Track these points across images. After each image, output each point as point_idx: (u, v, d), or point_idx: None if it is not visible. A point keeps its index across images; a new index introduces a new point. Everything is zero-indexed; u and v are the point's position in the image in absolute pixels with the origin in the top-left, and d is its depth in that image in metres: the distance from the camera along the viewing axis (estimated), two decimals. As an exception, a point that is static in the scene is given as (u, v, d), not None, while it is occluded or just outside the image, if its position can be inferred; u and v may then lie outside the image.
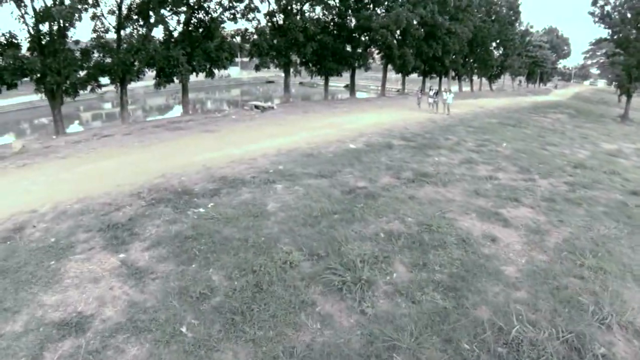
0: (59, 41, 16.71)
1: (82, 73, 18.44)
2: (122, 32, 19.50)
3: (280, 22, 25.86)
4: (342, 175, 9.38)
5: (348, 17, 29.10)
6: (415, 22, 28.93)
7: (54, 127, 18.65)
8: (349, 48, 29.98)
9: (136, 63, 19.52)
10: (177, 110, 31.56)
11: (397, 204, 7.84)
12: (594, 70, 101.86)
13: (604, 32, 34.07)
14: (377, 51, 34.19)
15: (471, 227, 7.16)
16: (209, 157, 10.83)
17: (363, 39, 30.17)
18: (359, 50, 30.18)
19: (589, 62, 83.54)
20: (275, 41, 24.74)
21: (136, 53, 18.11)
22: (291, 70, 27.26)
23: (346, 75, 31.87)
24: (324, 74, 29.05)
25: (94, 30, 19.78)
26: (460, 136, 15.97)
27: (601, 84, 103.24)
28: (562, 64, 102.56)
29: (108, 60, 18.87)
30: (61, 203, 7.78)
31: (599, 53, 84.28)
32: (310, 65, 28.21)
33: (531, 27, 66.05)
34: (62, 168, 10.41)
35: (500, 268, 5.88)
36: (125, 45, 18.78)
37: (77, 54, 18.54)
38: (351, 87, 33.07)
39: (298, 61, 27.39)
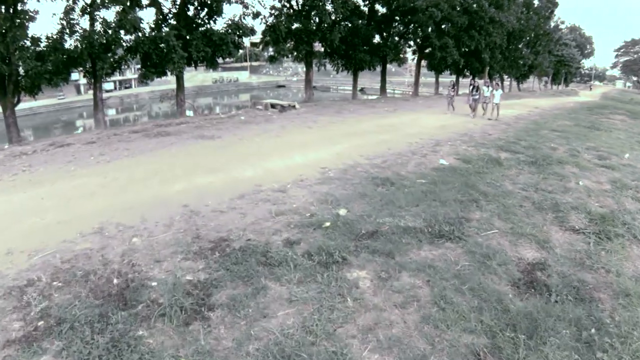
0: (4, 15, 12.09)
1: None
2: (97, 14, 14.84)
3: (299, 7, 21.08)
4: (475, 228, 4.46)
5: (378, 3, 24.03)
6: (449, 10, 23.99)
7: (7, 134, 14.09)
8: (378, 39, 24.90)
9: (118, 51, 14.96)
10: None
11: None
12: (613, 72, 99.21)
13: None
14: (407, 45, 29.22)
15: None
16: (197, 185, 6.03)
17: (395, 24, 25.01)
18: (390, 42, 25.01)
19: (621, 59, 78.96)
20: (294, 26, 19.75)
21: (111, 32, 13.35)
22: (314, 62, 22.21)
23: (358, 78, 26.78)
24: (354, 66, 23.76)
25: (65, 12, 15.33)
26: (562, 144, 11.79)
27: (619, 85, 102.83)
28: (583, 64, 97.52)
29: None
30: None
31: (632, 50, 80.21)
32: (336, 56, 23.07)
33: (562, 22, 60.73)
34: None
35: None
36: (99, 27, 14.10)
37: (42, 40, 14.03)
38: (382, 84, 27.85)
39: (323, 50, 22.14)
